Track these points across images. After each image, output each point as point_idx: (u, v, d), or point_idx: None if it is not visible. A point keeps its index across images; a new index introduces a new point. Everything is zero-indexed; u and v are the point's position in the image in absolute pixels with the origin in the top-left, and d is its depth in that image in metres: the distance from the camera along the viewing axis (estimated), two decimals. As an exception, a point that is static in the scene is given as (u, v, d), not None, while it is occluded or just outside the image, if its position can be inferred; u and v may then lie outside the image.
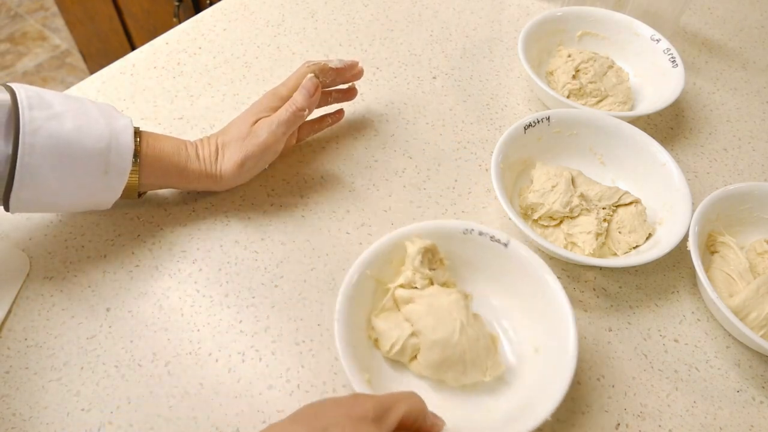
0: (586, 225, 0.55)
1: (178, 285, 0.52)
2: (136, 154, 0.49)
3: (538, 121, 0.60)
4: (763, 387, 0.50)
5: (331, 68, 0.58)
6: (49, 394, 0.45)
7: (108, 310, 0.50)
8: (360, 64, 0.61)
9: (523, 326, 0.50)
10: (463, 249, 0.51)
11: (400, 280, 0.48)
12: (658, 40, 0.70)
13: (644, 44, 0.71)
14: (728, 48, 0.81)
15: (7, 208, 0.47)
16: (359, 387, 0.42)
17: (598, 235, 0.55)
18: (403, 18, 0.80)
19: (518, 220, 0.52)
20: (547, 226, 0.57)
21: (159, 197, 0.57)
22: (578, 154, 0.62)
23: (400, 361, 0.47)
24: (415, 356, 0.47)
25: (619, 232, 0.56)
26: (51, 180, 0.46)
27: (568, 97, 0.66)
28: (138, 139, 0.50)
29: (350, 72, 0.60)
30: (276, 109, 0.55)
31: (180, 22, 0.77)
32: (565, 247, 0.55)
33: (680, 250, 0.53)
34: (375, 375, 0.45)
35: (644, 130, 0.61)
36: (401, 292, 0.48)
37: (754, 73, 0.78)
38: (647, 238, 0.56)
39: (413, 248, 0.48)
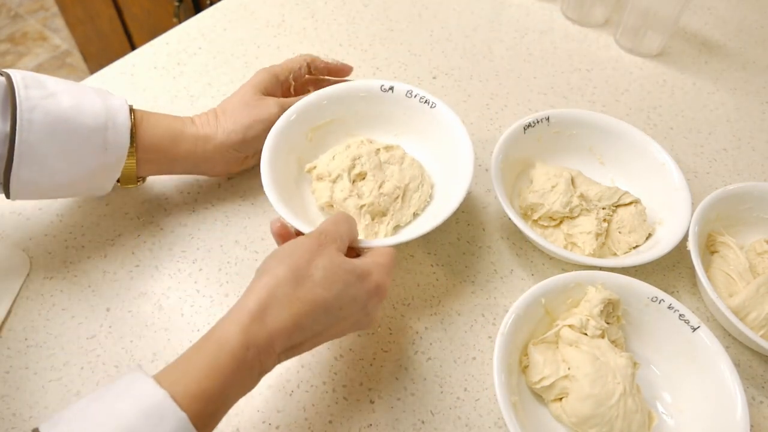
0: (586, 225, 0.55)
1: (178, 285, 0.52)
2: (133, 131, 0.50)
3: (538, 121, 0.60)
4: (763, 387, 0.50)
5: (323, 61, 0.59)
6: (49, 394, 0.45)
7: (108, 310, 0.50)
8: (352, 71, 0.62)
9: (683, 415, 0.46)
10: (643, 314, 0.49)
11: (572, 321, 0.47)
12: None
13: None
14: (728, 48, 0.81)
15: (7, 194, 0.47)
16: (505, 408, 0.41)
17: (598, 235, 0.55)
18: (403, 18, 0.80)
19: (518, 220, 0.52)
20: (547, 227, 0.57)
21: (159, 197, 0.57)
22: (578, 154, 0.62)
23: (541, 396, 0.47)
24: (560, 399, 0.46)
25: (619, 232, 0.56)
26: (50, 157, 0.46)
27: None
28: (133, 117, 0.50)
29: (341, 73, 0.61)
30: (272, 91, 0.56)
31: (180, 22, 0.77)
32: (565, 247, 0.55)
33: (680, 250, 0.53)
34: (519, 399, 0.45)
35: (644, 130, 0.61)
36: (567, 332, 0.47)
37: (754, 73, 0.78)
38: (647, 238, 0.56)
39: (597, 296, 0.47)
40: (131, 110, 0.50)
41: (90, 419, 0.32)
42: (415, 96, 0.57)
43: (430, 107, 0.57)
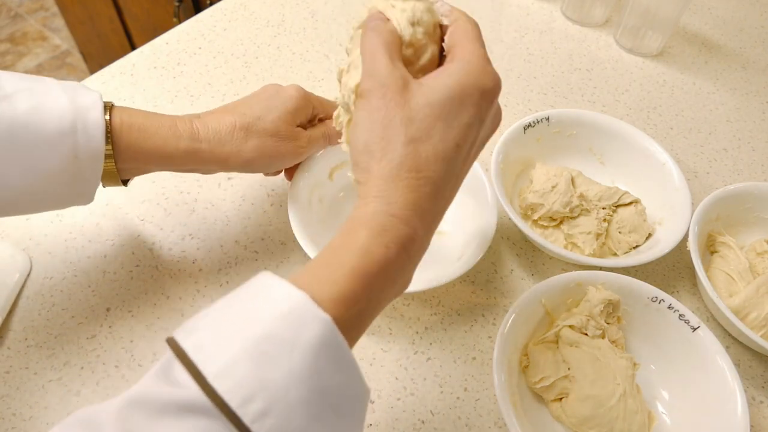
0: (586, 225, 0.55)
1: (178, 285, 0.52)
2: (110, 133, 0.41)
3: (538, 121, 0.60)
4: (763, 387, 0.50)
5: None
6: (49, 394, 0.45)
7: (108, 310, 0.50)
8: None
9: (683, 415, 0.46)
10: (643, 314, 0.49)
11: (572, 321, 0.47)
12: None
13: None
14: (728, 48, 0.81)
15: None
16: (505, 408, 0.41)
17: (598, 235, 0.55)
18: (403, 18, 0.80)
19: (518, 220, 0.52)
20: (547, 227, 0.57)
21: (159, 197, 0.57)
22: (578, 154, 0.62)
23: (541, 396, 0.47)
24: (560, 399, 0.46)
25: (619, 232, 0.56)
26: (10, 175, 0.39)
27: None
28: (108, 116, 0.42)
29: None
30: (297, 123, 0.50)
31: (180, 22, 0.77)
32: (565, 247, 0.55)
33: (680, 250, 0.53)
34: (519, 399, 0.45)
35: (644, 130, 0.61)
36: (568, 333, 0.47)
37: (754, 73, 0.78)
38: (647, 238, 0.56)
39: (597, 296, 0.47)
40: (110, 108, 0.42)
41: (225, 326, 0.28)
42: None
43: None
